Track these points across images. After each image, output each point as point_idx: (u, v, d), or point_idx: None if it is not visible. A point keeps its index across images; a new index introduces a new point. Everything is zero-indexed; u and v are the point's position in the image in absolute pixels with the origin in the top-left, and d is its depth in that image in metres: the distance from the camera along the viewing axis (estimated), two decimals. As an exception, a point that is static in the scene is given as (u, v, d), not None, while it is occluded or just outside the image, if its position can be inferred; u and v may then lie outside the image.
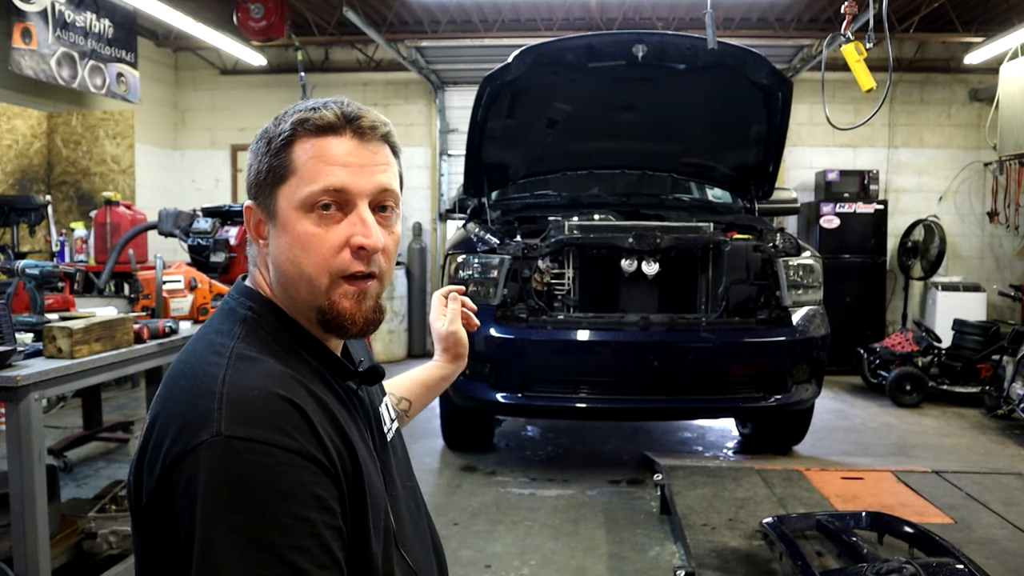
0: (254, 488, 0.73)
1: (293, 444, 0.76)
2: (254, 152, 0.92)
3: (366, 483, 0.86)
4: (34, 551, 1.91)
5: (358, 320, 0.90)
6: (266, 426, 0.77)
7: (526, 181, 5.03)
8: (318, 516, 0.76)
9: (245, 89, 8.07)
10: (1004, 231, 7.54)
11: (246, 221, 0.95)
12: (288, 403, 0.79)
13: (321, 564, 0.75)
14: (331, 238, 0.88)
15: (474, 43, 6.98)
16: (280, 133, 0.90)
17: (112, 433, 4.29)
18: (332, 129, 0.89)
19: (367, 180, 0.89)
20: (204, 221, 3.33)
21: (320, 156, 0.88)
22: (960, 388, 5.67)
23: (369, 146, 0.90)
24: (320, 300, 0.89)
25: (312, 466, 0.77)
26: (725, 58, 4.04)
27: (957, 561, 2.16)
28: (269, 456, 0.75)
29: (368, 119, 0.90)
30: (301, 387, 0.83)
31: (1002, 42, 6.19)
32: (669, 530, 3.31)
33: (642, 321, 3.77)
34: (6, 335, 1.92)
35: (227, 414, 0.76)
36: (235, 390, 0.79)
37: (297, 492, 0.75)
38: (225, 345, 0.86)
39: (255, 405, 0.78)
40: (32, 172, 6.27)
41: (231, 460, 0.74)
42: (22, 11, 5.19)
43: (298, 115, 0.90)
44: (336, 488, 0.80)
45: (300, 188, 0.88)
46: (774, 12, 6.74)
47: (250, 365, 0.83)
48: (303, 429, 0.79)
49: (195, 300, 2.75)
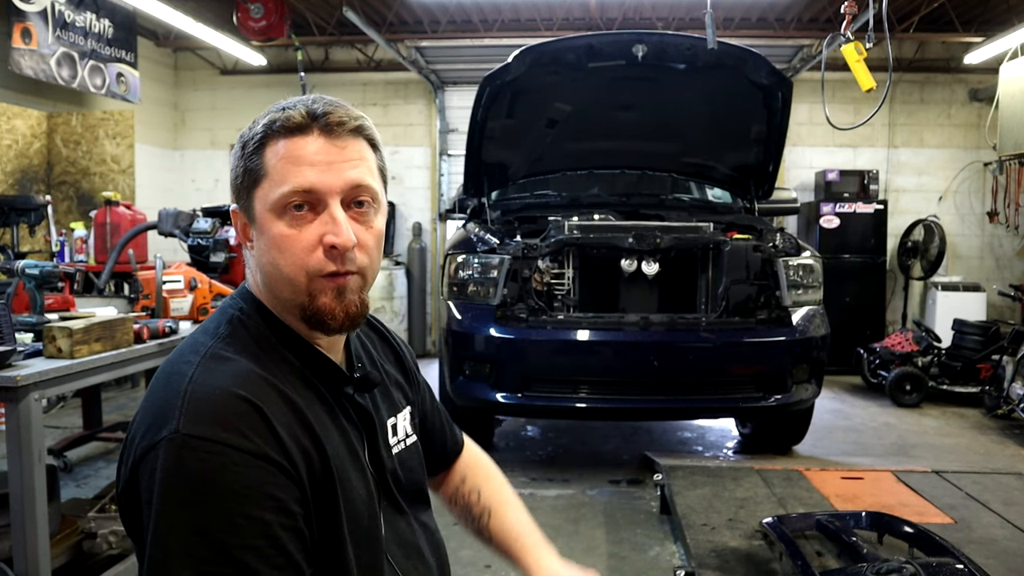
0: (207, 487, 0.74)
1: (248, 445, 0.77)
2: (233, 156, 0.94)
3: (339, 487, 0.86)
4: (34, 551, 1.91)
5: (338, 315, 0.90)
6: (223, 426, 0.77)
7: (526, 181, 5.03)
8: (273, 517, 0.76)
9: (245, 89, 8.06)
10: (1004, 231, 7.54)
11: (234, 225, 0.97)
12: (247, 403, 0.80)
13: (275, 565, 0.75)
14: (304, 238, 0.88)
15: (474, 43, 6.97)
16: (253, 136, 0.91)
17: (112, 433, 4.27)
18: (300, 129, 0.89)
19: (336, 177, 0.88)
20: (204, 221, 3.33)
21: (288, 157, 0.88)
22: (960, 388, 5.66)
23: (338, 142, 0.89)
24: (301, 298, 0.89)
25: (268, 467, 0.78)
26: (725, 58, 4.04)
27: (957, 561, 2.16)
28: (223, 456, 0.76)
29: (336, 115, 0.89)
30: (271, 388, 0.84)
31: (1002, 42, 6.19)
32: (669, 530, 3.31)
33: (642, 321, 3.77)
34: (6, 335, 1.92)
35: (187, 412, 0.78)
36: (199, 389, 0.81)
37: (250, 492, 0.76)
38: (204, 344, 0.88)
39: (214, 404, 0.79)
40: (32, 172, 6.27)
41: (186, 458, 0.75)
42: (22, 11, 5.19)
43: (269, 117, 0.91)
44: (298, 490, 0.81)
45: (272, 190, 0.88)
46: (774, 12, 6.74)
47: (220, 365, 0.84)
48: (261, 430, 0.79)
49: (195, 300, 2.75)
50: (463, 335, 3.85)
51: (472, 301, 3.90)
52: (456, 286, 3.95)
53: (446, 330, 3.95)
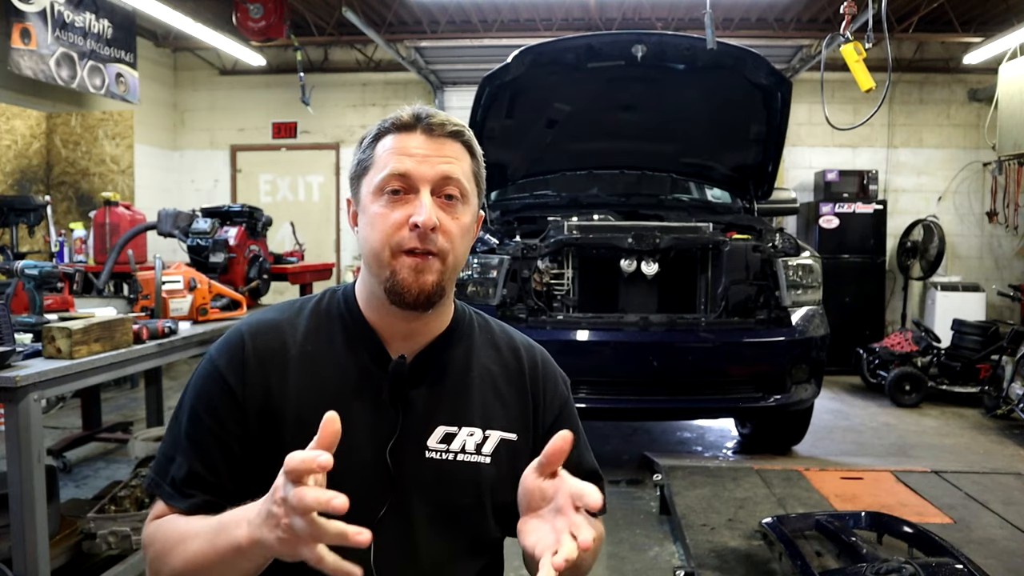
0: (193, 378, 1.08)
1: (219, 364, 1.05)
2: (354, 153, 1.09)
3: (281, 427, 1.01)
4: (33, 551, 1.91)
5: (413, 289, 1.00)
6: (219, 349, 1.07)
7: (525, 181, 5.02)
8: (203, 411, 1.03)
9: (244, 89, 8.06)
10: (1003, 231, 7.55)
11: (347, 213, 1.13)
12: (241, 339, 1.06)
13: (186, 434, 1.03)
14: (394, 217, 1.00)
15: (473, 43, 6.97)
16: (368, 133, 1.07)
17: (111, 433, 4.28)
18: (406, 127, 1.04)
19: (429, 168, 1.01)
20: (203, 221, 3.32)
21: (394, 148, 1.03)
22: (959, 388, 5.66)
23: (436, 141, 1.03)
24: (385, 271, 1.01)
25: (221, 382, 1.03)
26: (724, 58, 4.04)
27: (956, 561, 2.16)
28: (208, 365, 1.06)
29: (438, 118, 1.04)
30: (275, 336, 1.07)
31: (1001, 42, 6.20)
32: (668, 530, 3.31)
33: (641, 321, 3.77)
34: (5, 335, 1.92)
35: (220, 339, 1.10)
36: (234, 327, 1.10)
37: (202, 392, 1.04)
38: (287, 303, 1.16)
39: (228, 336, 1.08)
40: (31, 172, 6.27)
41: (200, 365, 1.08)
42: (21, 11, 5.19)
43: (386, 118, 1.06)
44: (238, 410, 1.02)
45: (376, 175, 1.03)
46: (773, 12, 6.74)
47: (265, 313, 1.12)
48: (234, 359, 1.04)
49: (194, 300, 2.75)
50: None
51: (471, 301, 3.89)
52: (455, 286, 3.94)
53: (446, 330, 3.94)
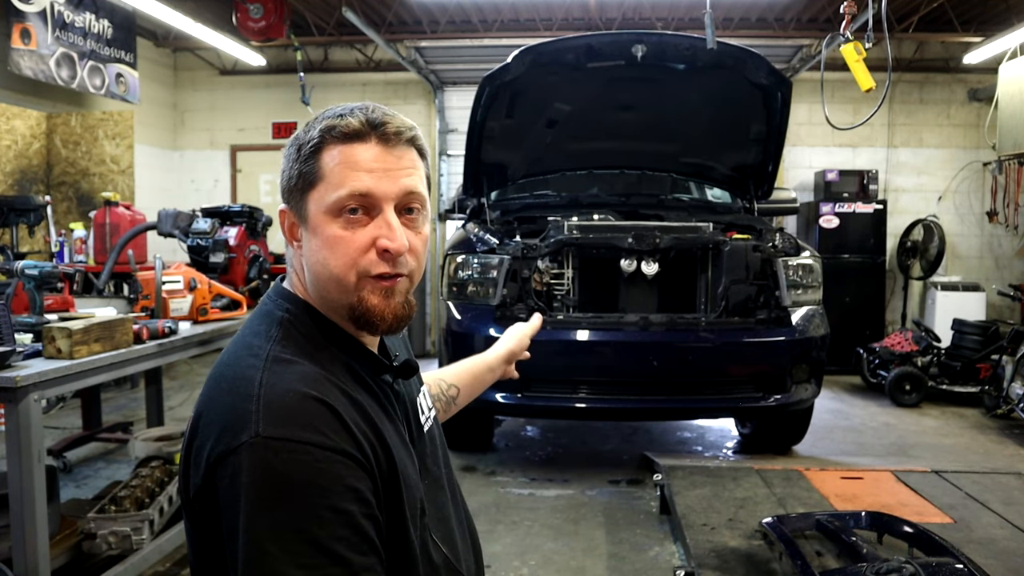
0: (293, 485, 0.78)
1: (327, 442, 0.81)
2: (286, 157, 0.97)
3: (400, 474, 0.90)
4: (33, 552, 1.91)
5: (387, 316, 0.93)
6: (301, 426, 0.81)
7: (525, 181, 5.02)
8: (355, 507, 0.80)
9: (244, 89, 8.06)
10: (1003, 231, 7.54)
11: (280, 224, 1.00)
12: (321, 403, 0.84)
13: (360, 551, 0.80)
14: (358, 240, 0.91)
15: (473, 43, 6.97)
16: (309, 140, 0.93)
17: (111, 434, 4.28)
18: (358, 136, 0.92)
19: (392, 184, 0.92)
20: (203, 222, 3.32)
21: (346, 162, 0.91)
22: (959, 388, 5.66)
23: (394, 151, 0.94)
24: (350, 298, 0.93)
25: (347, 461, 0.82)
26: (724, 58, 4.04)
27: (957, 561, 2.16)
28: (306, 454, 0.79)
29: (393, 125, 0.94)
30: (333, 387, 0.88)
31: (1001, 42, 6.20)
32: (669, 530, 3.31)
33: (641, 321, 3.77)
34: (5, 336, 1.92)
35: (264, 416, 0.82)
36: (271, 392, 0.84)
37: (334, 486, 0.80)
38: (262, 348, 0.91)
39: (290, 407, 0.83)
40: (31, 172, 6.27)
41: (270, 459, 0.79)
42: (21, 11, 5.19)
43: (326, 122, 0.93)
44: (371, 480, 0.84)
45: (328, 193, 0.91)
46: (773, 12, 6.74)
47: (285, 368, 0.88)
48: (336, 427, 0.83)
49: (194, 300, 2.75)
50: (462, 335, 3.85)
51: (472, 301, 3.90)
52: (455, 286, 3.95)
53: (445, 330, 3.95)
